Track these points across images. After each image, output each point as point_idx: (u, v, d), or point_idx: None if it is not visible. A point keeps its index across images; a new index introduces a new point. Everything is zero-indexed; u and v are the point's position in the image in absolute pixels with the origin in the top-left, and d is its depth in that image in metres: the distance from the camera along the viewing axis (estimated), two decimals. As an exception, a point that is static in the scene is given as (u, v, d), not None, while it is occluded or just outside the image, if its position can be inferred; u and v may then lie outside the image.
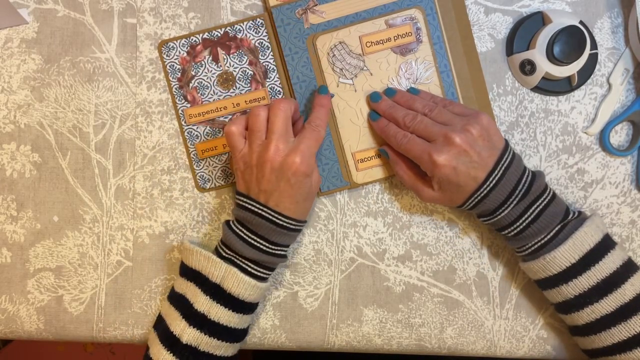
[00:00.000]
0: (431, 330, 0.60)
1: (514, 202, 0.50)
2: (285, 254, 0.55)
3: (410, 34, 0.57)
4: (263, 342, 0.61)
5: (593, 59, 0.57)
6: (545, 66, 0.55)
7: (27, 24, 0.59)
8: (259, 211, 0.51)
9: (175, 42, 0.59)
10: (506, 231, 0.53)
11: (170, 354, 0.52)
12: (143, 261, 0.61)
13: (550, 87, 0.57)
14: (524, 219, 0.51)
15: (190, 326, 0.52)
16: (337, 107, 0.58)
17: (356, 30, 0.57)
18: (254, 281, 0.53)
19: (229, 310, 0.53)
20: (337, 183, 0.59)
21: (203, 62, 0.59)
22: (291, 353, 0.82)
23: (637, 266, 0.52)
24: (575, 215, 0.53)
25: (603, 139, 0.58)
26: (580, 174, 0.59)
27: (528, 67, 0.56)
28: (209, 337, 0.52)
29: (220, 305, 0.52)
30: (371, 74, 0.58)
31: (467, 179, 0.50)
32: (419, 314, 0.60)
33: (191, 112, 0.59)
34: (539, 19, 0.57)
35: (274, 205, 0.51)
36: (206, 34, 0.58)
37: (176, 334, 0.53)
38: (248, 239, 0.52)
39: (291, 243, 0.56)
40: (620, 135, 0.59)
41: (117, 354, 1.47)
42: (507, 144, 0.51)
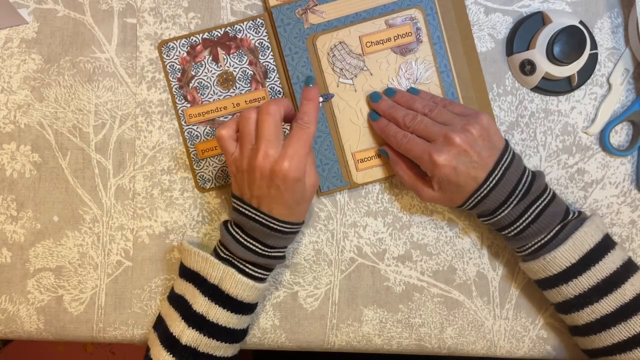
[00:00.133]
0: (431, 330, 0.60)
1: (514, 202, 0.50)
2: (282, 255, 0.55)
3: (410, 34, 0.57)
4: (263, 342, 0.61)
5: (593, 59, 0.57)
6: (545, 66, 0.55)
7: (27, 24, 0.59)
8: (253, 215, 0.51)
9: (175, 42, 0.59)
10: (506, 231, 0.53)
11: (170, 355, 0.52)
12: (143, 261, 0.61)
13: (550, 87, 0.57)
14: (524, 219, 0.51)
15: (190, 327, 0.52)
16: (337, 107, 0.58)
17: (356, 30, 0.57)
18: (251, 282, 0.53)
19: (228, 311, 0.53)
20: (337, 183, 0.59)
21: (203, 62, 0.59)
22: (291, 353, 0.82)
23: (637, 266, 0.52)
24: (575, 215, 0.53)
25: (603, 139, 0.58)
26: (580, 174, 0.59)
27: (528, 67, 0.56)
28: (208, 338, 0.52)
29: (219, 306, 0.52)
30: (371, 74, 0.58)
31: (467, 179, 0.50)
32: (419, 314, 0.60)
33: (191, 112, 0.59)
34: (539, 19, 0.57)
35: (266, 210, 0.50)
36: (206, 34, 0.58)
37: (176, 334, 0.53)
38: (244, 241, 0.52)
39: (288, 245, 0.55)
40: (620, 135, 0.59)
41: (117, 354, 1.47)
42: (507, 144, 0.51)
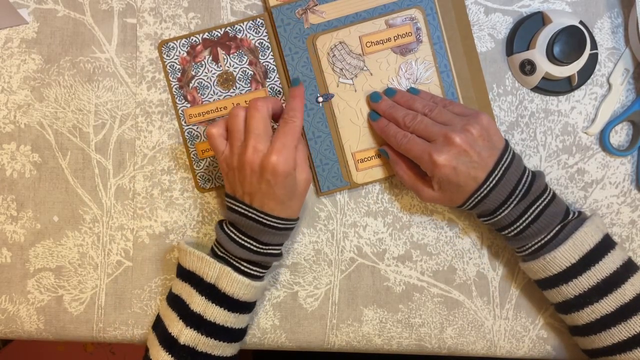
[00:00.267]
0: (431, 330, 0.60)
1: (514, 202, 0.50)
2: (279, 252, 0.55)
3: (410, 34, 0.57)
4: (263, 342, 0.61)
5: (593, 59, 0.57)
6: (545, 66, 0.55)
7: (27, 24, 0.59)
8: (246, 212, 0.51)
9: (175, 42, 0.59)
10: (506, 231, 0.53)
11: (169, 355, 0.52)
12: (143, 261, 0.61)
13: (550, 87, 0.57)
14: (524, 219, 0.51)
15: (188, 327, 0.52)
16: (337, 107, 0.58)
17: (356, 30, 0.57)
18: (248, 280, 0.53)
19: (225, 309, 0.53)
20: (337, 183, 0.59)
21: (203, 62, 0.59)
22: (291, 353, 0.82)
23: (637, 266, 0.52)
24: (575, 215, 0.53)
25: (603, 139, 0.58)
26: (580, 174, 0.59)
27: (528, 67, 0.56)
28: (206, 337, 0.52)
29: (216, 305, 0.52)
30: (371, 74, 0.58)
31: (467, 179, 0.50)
32: (419, 314, 0.60)
33: (191, 112, 0.59)
34: (539, 19, 0.57)
35: (259, 206, 0.51)
36: (206, 34, 0.58)
37: (174, 334, 0.53)
38: (238, 239, 0.52)
39: (284, 241, 0.55)
40: (620, 135, 0.59)
41: (117, 354, 1.47)
42: (507, 144, 0.51)
